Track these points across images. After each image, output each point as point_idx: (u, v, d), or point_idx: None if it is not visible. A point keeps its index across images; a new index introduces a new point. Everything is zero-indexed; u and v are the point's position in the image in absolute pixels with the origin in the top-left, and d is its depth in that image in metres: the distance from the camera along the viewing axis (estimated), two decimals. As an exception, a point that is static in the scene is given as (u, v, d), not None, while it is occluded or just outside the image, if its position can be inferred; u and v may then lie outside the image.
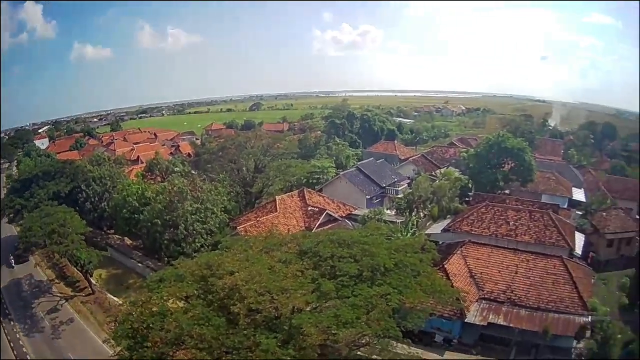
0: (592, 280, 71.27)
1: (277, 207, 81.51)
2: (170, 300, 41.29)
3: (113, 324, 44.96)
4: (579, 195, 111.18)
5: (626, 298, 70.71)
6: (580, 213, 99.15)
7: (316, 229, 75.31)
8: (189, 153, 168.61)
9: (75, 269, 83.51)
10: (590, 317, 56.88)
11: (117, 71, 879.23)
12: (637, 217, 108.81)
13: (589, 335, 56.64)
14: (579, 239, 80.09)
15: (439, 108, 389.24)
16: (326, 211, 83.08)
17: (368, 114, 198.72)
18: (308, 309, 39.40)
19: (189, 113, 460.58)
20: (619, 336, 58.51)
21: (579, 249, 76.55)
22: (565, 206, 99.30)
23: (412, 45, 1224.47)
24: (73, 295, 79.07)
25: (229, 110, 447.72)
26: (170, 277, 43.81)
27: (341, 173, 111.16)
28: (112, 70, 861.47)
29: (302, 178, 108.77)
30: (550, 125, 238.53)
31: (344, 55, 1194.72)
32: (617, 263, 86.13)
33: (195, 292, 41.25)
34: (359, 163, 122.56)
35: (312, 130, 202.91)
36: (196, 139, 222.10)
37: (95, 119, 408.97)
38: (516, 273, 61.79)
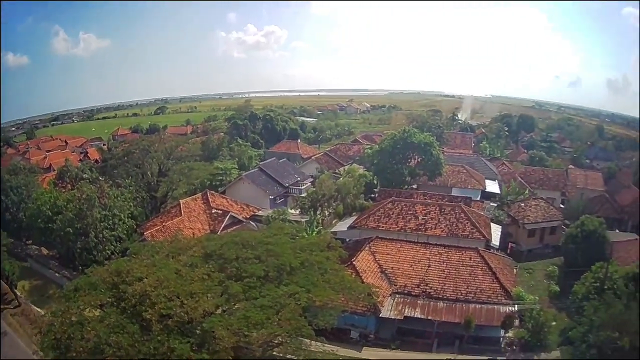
0: (515, 270, 76.50)
1: (182, 211, 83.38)
2: (87, 309, 42.54)
3: (39, 336, 46.76)
4: (492, 187, 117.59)
5: (556, 286, 76.00)
6: (495, 205, 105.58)
7: (221, 231, 77.29)
8: (96, 159, 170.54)
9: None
10: (516, 306, 61.21)
11: (34, 78, 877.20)
12: (561, 206, 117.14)
13: (518, 324, 60.95)
14: (496, 230, 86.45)
15: (343, 106, 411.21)
16: (230, 213, 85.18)
17: (270, 114, 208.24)
18: (218, 312, 42.11)
19: (98, 119, 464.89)
20: (554, 323, 63.03)
21: (496, 240, 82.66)
22: (478, 198, 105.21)
23: (316, 45, 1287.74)
24: (3, 308, 78.89)
25: (135, 114, 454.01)
26: (84, 285, 45.12)
27: (244, 174, 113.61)
28: (29, 77, 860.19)
29: (206, 180, 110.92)
30: (460, 120, 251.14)
31: (248, 57, 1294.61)
32: (541, 252, 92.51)
33: (109, 299, 42.87)
34: (261, 163, 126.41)
35: (215, 132, 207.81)
36: (103, 144, 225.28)
37: (13, 128, 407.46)
38: (429, 266, 66.09)
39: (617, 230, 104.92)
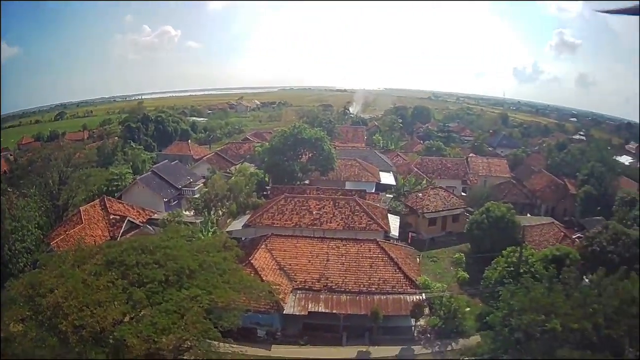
0: (418, 259, 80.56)
1: (82, 219, 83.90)
2: (11, 324, 43.33)
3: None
4: (388, 179, 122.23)
5: (464, 272, 79.62)
6: (391, 196, 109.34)
7: (120, 237, 78.45)
8: (4, 170, 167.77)
9: None
10: (424, 294, 64.71)
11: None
12: (463, 194, 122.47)
13: (428, 312, 63.76)
14: (394, 221, 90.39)
15: (234, 104, 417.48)
16: (127, 218, 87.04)
17: (162, 115, 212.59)
18: (126, 319, 42.99)
19: (6, 127, 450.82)
20: (468, 309, 66.15)
21: (395, 231, 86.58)
22: (373, 191, 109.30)
23: (207, 44, 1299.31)
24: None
25: (37, 121, 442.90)
26: (5, 301, 46.29)
27: (138, 178, 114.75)
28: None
29: (103, 186, 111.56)
30: (352, 113, 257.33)
31: (142, 58, 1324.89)
32: (444, 240, 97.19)
33: (28, 313, 43.59)
34: (154, 166, 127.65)
35: (110, 137, 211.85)
36: (10, 154, 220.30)
37: None
38: (328, 260, 68.87)
39: (528, 215, 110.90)
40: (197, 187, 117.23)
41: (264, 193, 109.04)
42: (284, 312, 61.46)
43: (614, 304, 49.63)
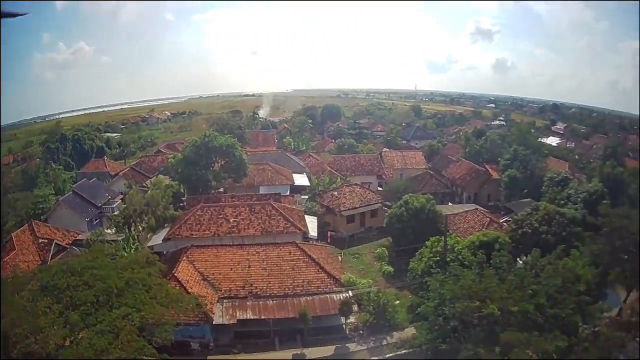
0: (340, 257, 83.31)
1: (15, 245, 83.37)
2: None
3: None
4: (301, 180, 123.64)
5: (389, 266, 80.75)
6: (306, 197, 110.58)
7: (50, 260, 78.02)
8: None
9: None
10: (350, 292, 65.75)
11: None
12: (379, 188, 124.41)
13: (357, 309, 64.36)
14: (311, 222, 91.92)
15: (145, 117, 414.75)
16: (54, 241, 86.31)
17: (78, 133, 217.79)
18: (67, 343, 43.80)
19: None
20: (397, 302, 67.13)
21: (313, 231, 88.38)
22: (288, 193, 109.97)
23: (119, 57, 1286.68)
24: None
25: None
26: None
27: (60, 199, 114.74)
28: None
29: (30, 210, 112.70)
30: (262, 117, 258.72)
31: (58, 76, 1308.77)
32: (365, 236, 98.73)
33: None
34: (74, 186, 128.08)
35: (32, 159, 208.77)
36: None
37: None
38: (250, 267, 69.68)
39: (450, 204, 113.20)
40: (116, 204, 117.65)
41: (181, 204, 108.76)
42: (213, 323, 61.42)
43: (555, 283, 50.97)
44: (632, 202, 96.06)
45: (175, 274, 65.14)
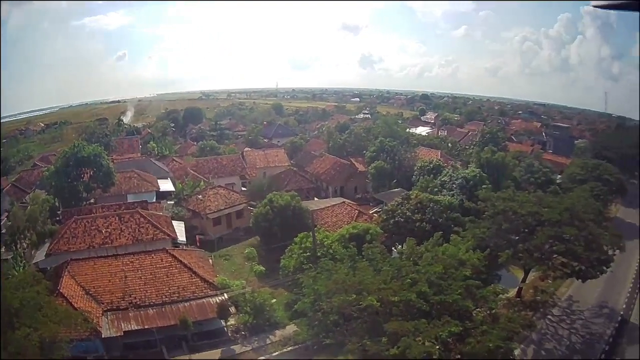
0: (210, 260, 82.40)
1: None
2: None
3: None
4: (166, 186, 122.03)
5: (259, 266, 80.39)
6: (172, 202, 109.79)
7: None
8: None
9: None
10: (225, 294, 66.16)
11: None
12: (243, 189, 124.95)
13: (235, 310, 64.53)
14: (179, 227, 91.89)
15: (23, 130, 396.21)
16: None
17: None
18: None
19: None
20: (274, 300, 67.22)
21: (182, 236, 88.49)
22: (154, 200, 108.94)
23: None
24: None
25: None
26: None
27: None
28: None
29: None
30: (126, 124, 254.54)
31: None
32: (233, 238, 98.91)
33: None
34: None
35: None
36: None
37: None
38: (126, 277, 67.72)
39: (315, 199, 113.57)
40: (2, 222, 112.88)
41: (57, 218, 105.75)
42: (102, 337, 59.64)
43: (436, 270, 50.84)
44: (517, 185, 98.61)
45: (60, 290, 62.75)
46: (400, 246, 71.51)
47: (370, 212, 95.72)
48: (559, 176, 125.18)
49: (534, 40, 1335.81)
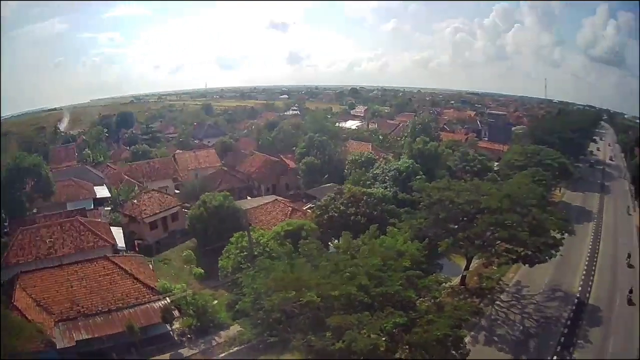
0: (150, 265, 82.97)
1: None
2: None
3: None
4: (102, 192, 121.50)
5: (198, 268, 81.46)
6: (109, 208, 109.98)
7: None
8: None
9: None
10: (168, 298, 66.79)
11: None
12: (176, 191, 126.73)
13: (179, 314, 65.39)
14: (117, 233, 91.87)
15: None
16: None
17: None
18: None
19: None
20: (216, 302, 68.12)
21: (121, 242, 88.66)
22: (92, 207, 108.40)
23: None
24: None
25: None
26: None
27: None
28: None
29: None
30: (63, 132, 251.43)
31: None
32: (170, 241, 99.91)
33: None
34: None
35: None
36: None
37: None
38: (72, 287, 68.11)
39: (248, 198, 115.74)
40: None
41: (6, 231, 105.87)
42: (58, 348, 59.80)
43: (374, 262, 52.03)
44: (453, 174, 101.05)
45: (15, 304, 63.34)
46: (336, 241, 72.63)
47: (304, 209, 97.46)
48: (497, 163, 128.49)
49: (467, 30, 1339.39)
